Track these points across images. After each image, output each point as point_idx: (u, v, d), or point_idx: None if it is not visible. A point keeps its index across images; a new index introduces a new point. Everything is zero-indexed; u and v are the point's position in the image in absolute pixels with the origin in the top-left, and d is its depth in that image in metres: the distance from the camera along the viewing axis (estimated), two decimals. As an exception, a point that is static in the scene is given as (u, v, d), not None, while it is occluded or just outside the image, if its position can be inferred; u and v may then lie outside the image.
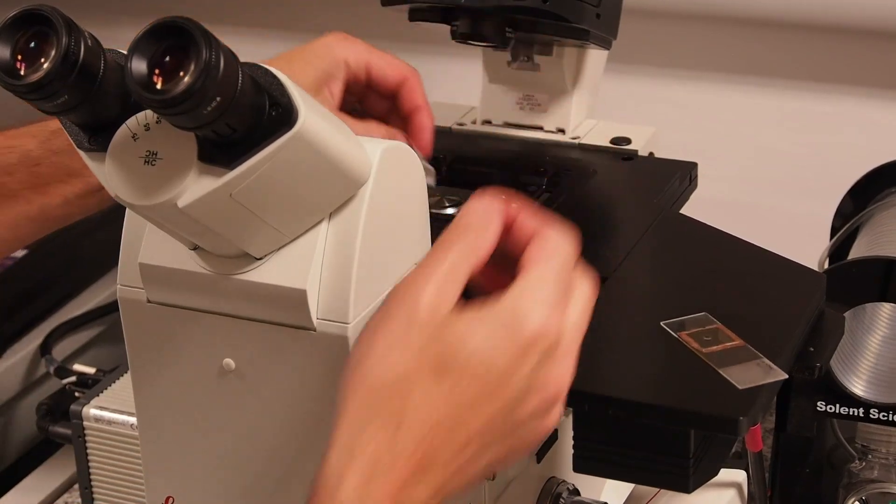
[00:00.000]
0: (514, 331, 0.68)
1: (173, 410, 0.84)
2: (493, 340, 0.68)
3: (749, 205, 1.55)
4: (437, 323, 0.68)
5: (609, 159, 1.13)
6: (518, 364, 0.69)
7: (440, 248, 0.71)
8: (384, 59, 1.02)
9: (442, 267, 0.70)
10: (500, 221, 0.72)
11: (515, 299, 0.69)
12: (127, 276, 0.82)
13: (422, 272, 0.70)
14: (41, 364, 1.33)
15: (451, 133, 1.19)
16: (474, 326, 0.68)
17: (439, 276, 0.69)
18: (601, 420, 0.84)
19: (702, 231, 0.99)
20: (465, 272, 0.70)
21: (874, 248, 1.12)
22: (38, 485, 1.26)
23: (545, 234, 0.73)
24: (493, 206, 0.73)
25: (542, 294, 0.70)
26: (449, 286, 0.69)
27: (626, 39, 1.13)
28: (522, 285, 0.70)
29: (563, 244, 0.73)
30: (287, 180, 0.73)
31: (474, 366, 0.68)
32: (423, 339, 0.68)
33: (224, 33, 0.70)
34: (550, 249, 0.72)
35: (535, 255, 0.71)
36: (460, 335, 0.68)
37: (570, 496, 1.03)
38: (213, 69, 0.66)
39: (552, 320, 0.70)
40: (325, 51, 1.00)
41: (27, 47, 0.71)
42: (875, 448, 1.12)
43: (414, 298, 0.69)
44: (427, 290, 0.69)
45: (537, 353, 0.69)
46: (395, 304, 0.70)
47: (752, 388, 0.80)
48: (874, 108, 1.50)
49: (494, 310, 0.69)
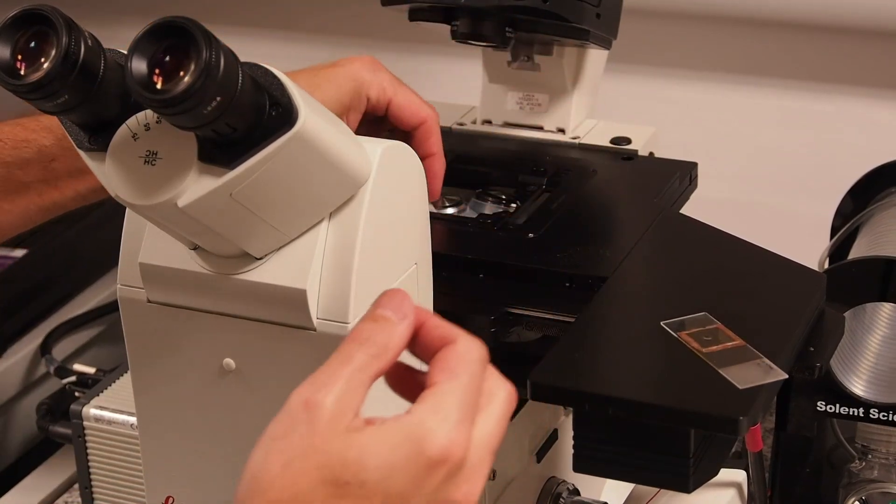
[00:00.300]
0: (417, 451, 0.64)
1: (173, 410, 0.84)
2: (395, 460, 0.64)
3: (749, 205, 1.55)
4: (338, 437, 0.64)
5: (609, 159, 1.13)
6: (419, 485, 0.65)
7: (344, 350, 0.66)
8: (406, 98, 0.99)
9: (345, 371, 0.65)
10: (411, 323, 0.68)
11: (420, 416, 0.65)
12: (127, 275, 0.82)
13: (324, 377, 0.65)
14: (41, 364, 1.33)
15: (451, 133, 1.19)
16: (376, 444, 0.64)
17: (341, 385, 0.65)
18: (601, 420, 0.84)
19: (702, 231, 0.99)
20: (370, 378, 0.66)
21: (874, 247, 1.12)
22: (39, 484, 1.26)
23: (454, 344, 0.68)
24: (404, 305, 0.68)
25: (449, 411, 0.65)
26: (351, 394, 0.65)
27: (626, 39, 1.13)
28: (428, 401, 0.66)
29: (473, 355, 0.68)
30: (287, 180, 0.73)
31: (373, 486, 0.64)
32: (322, 456, 0.63)
33: (224, 33, 0.70)
34: (459, 361, 0.67)
35: (442, 367, 0.67)
36: (361, 453, 0.64)
37: (570, 496, 1.03)
38: (213, 69, 0.66)
39: (458, 439, 0.65)
40: (351, 81, 0.97)
41: (27, 47, 0.71)
42: (875, 448, 1.12)
43: (314, 408, 0.64)
44: (328, 399, 0.64)
45: (441, 473, 0.65)
46: (293, 413, 0.65)
47: (752, 387, 0.80)
48: (874, 108, 1.50)
49: (398, 426, 0.65)
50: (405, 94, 0.99)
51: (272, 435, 0.65)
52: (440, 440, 0.65)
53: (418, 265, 0.83)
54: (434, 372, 0.67)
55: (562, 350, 0.85)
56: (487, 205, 1.06)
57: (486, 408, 0.68)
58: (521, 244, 0.98)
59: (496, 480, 0.95)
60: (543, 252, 0.97)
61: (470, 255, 0.97)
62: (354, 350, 0.66)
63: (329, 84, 0.96)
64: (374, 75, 0.98)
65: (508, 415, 0.69)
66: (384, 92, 0.98)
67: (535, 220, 1.02)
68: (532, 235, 0.99)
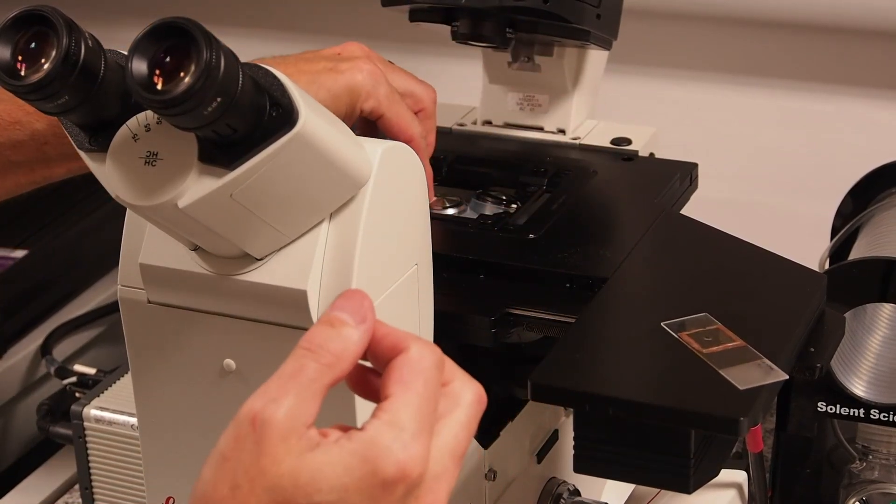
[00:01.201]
0: (372, 470, 0.61)
1: (174, 411, 0.84)
2: (349, 481, 0.61)
3: (749, 205, 1.55)
4: (289, 457, 0.61)
5: (609, 160, 1.13)
6: None
7: (296, 358, 0.63)
8: (397, 115, 0.97)
9: (296, 383, 0.62)
10: (370, 328, 0.65)
11: (373, 432, 0.62)
12: (127, 276, 0.82)
13: (274, 389, 0.62)
14: (42, 364, 1.33)
15: (452, 133, 1.19)
16: (329, 466, 0.61)
17: (292, 398, 0.62)
18: (601, 420, 0.84)
19: (702, 231, 0.99)
20: (323, 388, 0.63)
21: (874, 248, 1.12)
22: (39, 485, 1.26)
23: (406, 353, 0.65)
24: (363, 308, 0.65)
25: (404, 424, 0.63)
26: (303, 407, 0.62)
27: (626, 39, 1.13)
28: (382, 415, 0.63)
29: (426, 362, 0.65)
30: (287, 180, 0.73)
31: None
32: (272, 479, 0.61)
33: (224, 33, 0.70)
34: (412, 370, 0.64)
35: (395, 378, 0.64)
36: (313, 475, 0.61)
37: (570, 497, 1.03)
38: (213, 69, 0.66)
39: (415, 453, 0.62)
40: (349, 94, 0.94)
41: (28, 48, 0.71)
42: (875, 448, 1.12)
43: (263, 424, 0.61)
44: (278, 414, 0.61)
45: (399, 491, 0.62)
46: (242, 429, 0.62)
47: (752, 388, 0.79)
48: (874, 108, 1.50)
49: (351, 446, 0.62)
50: (398, 109, 0.96)
51: (221, 452, 0.62)
52: (395, 458, 0.62)
53: (419, 266, 0.83)
54: (387, 383, 0.64)
55: (562, 350, 0.85)
56: (488, 205, 1.06)
57: (448, 414, 0.65)
58: (521, 245, 0.98)
59: (496, 481, 0.95)
60: (544, 253, 0.97)
61: (470, 255, 0.97)
62: (307, 359, 0.63)
63: (327, 94, 0.94)
64: (373, 88, 0.95)
65: (476, 417, 0.66)
66: (378, 107, 0.95)
67: (536, 221, 1.02)
68: (532, 236, 0.99)
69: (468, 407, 0.66)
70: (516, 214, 1.03)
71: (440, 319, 0.86)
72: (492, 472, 0.94)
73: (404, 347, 0.65)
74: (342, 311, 0.65)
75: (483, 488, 0.94)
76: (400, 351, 0.65)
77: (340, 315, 0.65)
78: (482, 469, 0.94)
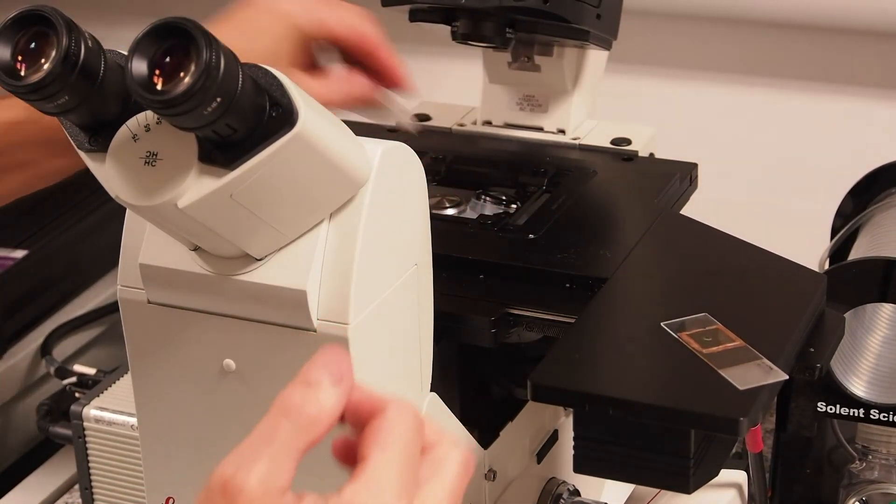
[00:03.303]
0: None
1: (173, 411, 0.84)
2: None
3: (749, 205, 1.55)
4: None
5: (609, 160, 1.13)
6: None
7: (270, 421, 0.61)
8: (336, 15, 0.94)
9: (270, 448, 0.60)
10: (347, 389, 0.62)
11: (350, 497, 0.60)
12: (127, 276, 0.82)
13: (247, 453, 0.60)
14: (41, 364, 1.33)
15: (452, 133, 1.19)
16: None
17: (264, 463, 0.59)
18: (601, 420, 0.84)
19: (702, 231, 0.99)
20: (299, 452, 0.60)
21: (874, 248, 1.12)
22: (39, 485, 1.26)
23: (383, 414, 0.62)
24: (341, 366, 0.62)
25: (381, 488, 0.60)
26: (277, 473, 0.59)
27: (626, 39, 1.13)
28: (359, 479, 0.60)
29: (404, 425, 0.62)
30: (287, 181, 0.73)
31: None
32: None
33: (224, 34, 0.70)
34: (389, 432, 0.61)
35: (373, 440, 0.61)
36: None
37: (570, 497, 1.03)
38: (213, 70, 0.66)
39: None
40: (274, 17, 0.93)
41: (27, 48, 0.71)
42: (875, 448, 1.12)
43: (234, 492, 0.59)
44: (250, 481, 0.59)
45: None
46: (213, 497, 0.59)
47: (752, 388, 0.80)
48: (874, 108, 1.50)
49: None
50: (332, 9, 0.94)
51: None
52: None
53: (419, 266, 0.83)
54: (364, 445, 0.61)
55: (562, 351, 0.85)
56: (488, 205, 1.06)
57: (432, 479, 0.62)
58: (521, 245, 0.98)
59: (496, 481, 0.95)
60: (544, 253, 0.97)
61: (470, 255, 0.97)
62: (281, 422, 0.60)
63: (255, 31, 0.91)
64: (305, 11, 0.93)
65: (462, 485, 0.63)
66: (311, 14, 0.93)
67: (536, 221, 1.02)
68: (532, 236, 0.99)
69: (453, 473, 0.63)
70: (516, 215, 1.03)
71: (440, 319, 0.86)
72: (492, 472, 0.94)
73: (381, 408, 0.62)
74: (319, 370, 0.61)
75: (483, 488, 0.94)
76: (377, 412, 0.62)
77: (317, 374, 0.61)
78: (482, 469, 0.94)
